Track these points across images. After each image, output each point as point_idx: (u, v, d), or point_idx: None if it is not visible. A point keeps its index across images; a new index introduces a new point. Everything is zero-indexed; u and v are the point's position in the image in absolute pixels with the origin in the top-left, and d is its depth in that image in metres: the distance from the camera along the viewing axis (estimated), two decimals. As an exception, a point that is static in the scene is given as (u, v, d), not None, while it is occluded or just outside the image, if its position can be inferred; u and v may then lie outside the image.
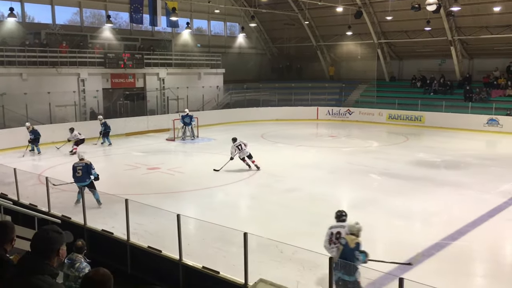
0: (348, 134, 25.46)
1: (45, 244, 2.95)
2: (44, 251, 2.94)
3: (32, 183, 13.23)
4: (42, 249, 2.94)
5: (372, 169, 16.36)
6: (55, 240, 2.98)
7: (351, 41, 32.64)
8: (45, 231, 3.05)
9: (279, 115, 30.21)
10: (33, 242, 3.00)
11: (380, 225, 10.61)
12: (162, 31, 30.11)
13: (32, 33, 24.46)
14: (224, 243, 8.98)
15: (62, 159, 17.99)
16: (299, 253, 7.38)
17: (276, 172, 15.98)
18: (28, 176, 13.17)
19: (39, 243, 2.96)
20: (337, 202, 12.92)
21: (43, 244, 2.96)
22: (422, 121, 27.64)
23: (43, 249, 2.94)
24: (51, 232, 3.03)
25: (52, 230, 3.05)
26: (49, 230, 3.05)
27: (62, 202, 11.13)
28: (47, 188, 10.12)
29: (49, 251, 2.94)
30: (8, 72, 21.88)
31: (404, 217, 11.27)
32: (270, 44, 37.46)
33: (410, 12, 25.25)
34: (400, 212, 11.58)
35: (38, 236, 3.02)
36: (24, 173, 12.45)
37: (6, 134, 19.82)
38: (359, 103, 31.12)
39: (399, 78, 32.80)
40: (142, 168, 16.69)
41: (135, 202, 8.77)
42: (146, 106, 27.03)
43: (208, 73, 30.91)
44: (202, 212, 11.44)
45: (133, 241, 8.33)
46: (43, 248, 2.94)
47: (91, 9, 27.82)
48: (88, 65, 24.84)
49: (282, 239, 7.41)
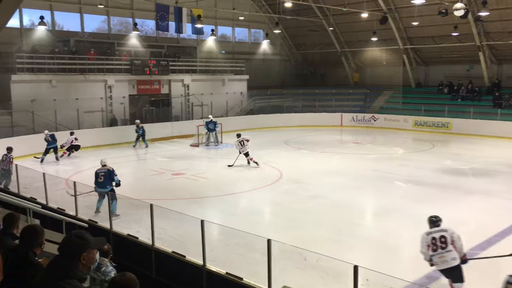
0: (373, 141, 25.19)
1: (69, 249, 2.99)
2: (67, 255, 2.98)
3: (60, 187, 13.51)
4: (65, 253, 2.99)
5: (397, 176, 16.14)
6: (77, 246, 2.99)
7: (376, 47, 32.37)
8: (69, 236, 3.09)
9: (303, 121, 30.13)
10: (60, 246, 3.06)
11: (405, 233, 10.43)
12: (187, 38, 30.50)
13: (62, 41, 25.11)
14: (247, 249, 8.98)
15: (90, 164, 18.33)
16: (323, 260, 7.33)
17: (299, 178, 15.92)
18: (57, 180, 13.46)
19: (64, 247, 3.01)
20: (361, 210, 12.81)
21: (66, 248, 3.00)
22: (449, 127, 27.14)
23: (66, 253, 2.99)
24: (74, 237, 3.06)
25: (75, 236, 3.08)
26: (73, 235, 3.08)
27: (89, 206, 11.34)
28: (75, 192, 10.33)
29: (71, 256, 2.98)
30: (38, 79, 22.49)
31: (430, 225, 11.05)
32: (294, 50, 37.47)
33: (437, 18, 24.86)
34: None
35: (64, 240, 3.08)
36: (53, 178, 12.74)
37: (36, 139, 20.31)
38: (384, 110, 30.79)
39: (425, 84, 32.30)
40: (167, 174, 16.87)
41: (160, 207, 8.86)
42: (171, 112, 27.35)
43: (232, 79, 31.11)
44: (225, 218, 11.48)
45: (158, 246, 8.40)
46: (66, 252, 2.99)
47: (119, 17, 28.38)
48: (115, 72, 25.32)
49: (306, 246, 7.37)
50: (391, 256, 9.36)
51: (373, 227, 11.27)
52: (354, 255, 8.95)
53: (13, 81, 21.63)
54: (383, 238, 10.23)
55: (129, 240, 8.84)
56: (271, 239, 6.53)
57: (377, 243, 9.97)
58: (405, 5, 27.78)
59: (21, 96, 21.59)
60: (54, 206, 10.75)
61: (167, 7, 25.37)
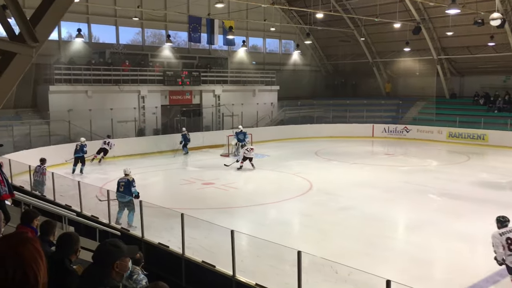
0: (405, 153, 24.74)
1: (103, 256, 3.04)
2: (101, 263, 3.03)
3: (94, 195, 13.80)
4: (100, 261, 3.04)
5: (431, 189, 15.77)
6: (111, 254, 3.04)
7: (408, 57, 31.92)
8: (104, 244, 3.15)
9: (333, 132, 29.89)
10: (94, 254, 3.11)
11: (440, 248, 10.18)
12: (219, 49, 30.88)
13: (98, 53, 25.84)
14: (277, 261, 8.92)
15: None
16: (355, 274, 7.20)
17: (330, 190, 15.77)
18: (91, 188, 13.76)
19: (98, 255, 3.06)
20: (394, 223, 12.57)
21: (100, 256, 3.05)
22: (485, 139, 26.38)
23: (100, 261, 3.04)
24: (108, 245, 3.11)
25: (110, 244, 3.13)
26: (107, 243, 3.14)
27: (121, 214, 11.52)
28: (108, 200, 10.53)
29: (106, 264, 3.02)
30: (74, 90, 23.18)
31: (465, 240, 10.74)
32: (325, 61, 37.35)
33: (472, 27, 24.38)
34: (461, 235, 11.05)
35: (98, 248, 3.13)
36: (87, 186, 13.03)
37: (72, 148, 20.85)
38: (417, 121, 30.22)
39: (460, 95, 31.58)
40: (197, 183, 17.00)
41: (190, 216, 8.93)
42: (202, 122, 27.64)
43: (262, 90, 31.23)
44: (255, 228, 11.46)
45: (188, 255, 8.46)
46: (100, 260, 3.04)
47: (152, 29, 29.02)
48: (148, 82, 25.83)
49: (337, 259, 7.26)
50: (424, 271, 9.12)
51: (406, 241, 11.03)
52: (387, 269, 8.76)
53: (51, 91, 22.36)
54: (417, 252, 9.99)
55: (160, 249, 8.94)
56: (301, 251, 6.48)
57: (410, 257, 9.74)
58: (439, 15, 27.34)
59: (59, 106, 22.30)
60: (88, 214, 10.99)
61: (200, 19, 25.79)
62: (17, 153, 17.88)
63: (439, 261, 9.62)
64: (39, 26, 2.96)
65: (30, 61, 3.04)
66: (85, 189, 12.12)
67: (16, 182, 13.73)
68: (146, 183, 17.42)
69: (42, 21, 2.97)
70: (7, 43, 2.99)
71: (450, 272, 9.13)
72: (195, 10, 27.03)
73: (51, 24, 3.02)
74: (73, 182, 12.30)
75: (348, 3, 30.49)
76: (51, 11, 2.95)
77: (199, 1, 26.31)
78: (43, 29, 2.98)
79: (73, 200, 12.09)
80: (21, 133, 20.41)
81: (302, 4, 28.50)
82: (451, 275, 8.97)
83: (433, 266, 9.50)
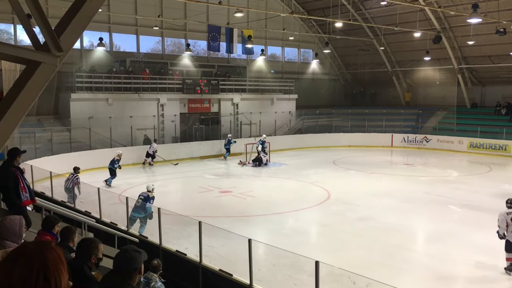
0: (425, 163, 24.42)
1: (128, 264, 3.06)
2: (127, 271, 3.05)
3: (113, 202, 13.95)
4: (125, 269, 3.06)
5: (452, 200, 15.51)
6: (137, 259, 3.09)
7: (429, 67, 31.61)
8: (126, 251, 3.17)
9: (352, 141, 29.70)
10: (116, 262, 3.13)
11: (461, 260, 9.99)
12: (238, 58, 31.06)
13: (119, 61, 26.23)
14: (295, 271, 8.87)
15: (141, 180, 18.86)
16: (373, 285, 7.11)
17: (348, 199, 15.64)
18: (110, 195, 13.91)
19: (122, 263, 3.09)
20: (413, 234, 12.39)
21: (126, 264, 3.07)
22: (508, 150, 25.87)
23: (126, 269, 3.06)
24: (132, 252, 3.14)
25: (132, 250, 3.16)
26: (130, 250, 3.16)
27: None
28: (127, 207, 10.62)
29: (132, 271, 3.05)
30: (95, 97, 23.55)
31: (486, 253, 10.51)
32: (344, 70, 37.23)
33: (494, 37, 24.08)
34: (483, 247, 10.82)
35: (120, 256, 3.15)
36: (106, 192, 13.18)
37: (92, 155, 21.15)
38: (437, 131, 29.82)
39: (481, 105, 31.10)
40: (215, 191, 17.04)
41: (207, 224, 8.94)
42: (220, 130, 27.76)
43: (281, 98, 31.25)
44: (272, 237, 11.42)
45: (205, 263, 8.46)
46: (126, 268, 3.06)
47: (172, 38, 29.35)
48: (168, 90, 26.10)
49: (355, 270, 7.19)
50: (444, 283, 8.96)
51: (426, 253, 10.85)
52: (406, 281, 8.65)
53: (72, 99, 22.76)
54: (436, 264, 9.82)
55: (177, 256, 8.96)
56: (319, 261, 6.42)
57: (429, 269, 9.58)
58: (460, 24, 27.06)
59: (80, 113, 22.67)
60: (107, 220, 11.09)
61: (219, 28, 26.00)
62: (39, 160, 18.19)
63: (458, 274, 9.43)
64: (63, 35, 3.03)
65: (54, 70, 3.11)
66: (105, 195, 12.26)
67: (37, 188, 13.95)
68: (165, 191, 17.54)
69: (67, 31, 3.03)
70: (32, 52, 3.06)
71: (470, 285, 8.94)
72: (215, 19, 27.28)
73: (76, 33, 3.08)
74: (93, 188, 12.44)
75: (367, 12, 30.40)
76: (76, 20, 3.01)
77: (218, 10, 26.52)
78: (68, 39, 3.04)
79: (92, 206, 12.23)
80: (43, 140, 20.78)
81: (321, 13, 28.52)
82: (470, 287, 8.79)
83: (452, 279, 9.32)
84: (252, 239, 7.58)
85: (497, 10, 23.47)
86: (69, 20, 3.01)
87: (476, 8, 18.61)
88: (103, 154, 21.18)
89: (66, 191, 13.87)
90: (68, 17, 3.04)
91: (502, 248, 10.96)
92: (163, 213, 9.57)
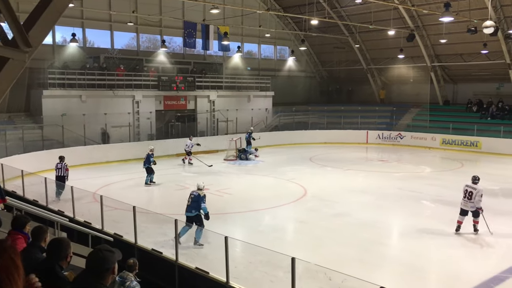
0: (399, 159, 24.80)
1: (100, 263, 3.00)
2: (100, 271, 2.99)
3: (87, 200, 13.72)
4: (98, 269, 3.00)
5: (425, 196, 15.81)
6: (109, 259, 3.03)
7: (402, 64, 32.11)
8: (99, 251, 3.11)
9: (328, 138, 29.95)
10: (88, 262, 3.06)
11: (434, 254, 10.18)
12: (214, 54, 30.93)
13: (92, 57, 25.77)
14: (271, 267, 8.89)
15: (117, 178, 18.62)
16: (349, 281, 7.17)
17: (324, 196, 15.76)
18: (84, 194, 13.67)
19: (94, 263, 3.02)
20: (388, 229, 12.58)
21: (98, 264, 3.01)
22: (479, 146, 26.52)
23: (98, 269, 3.00)
24: (104, 251, 3.08)
25: (105, 250, 3.11)
26: (103, 250, 3.11)
27: (115, 220, 11.44)
28: (101, 206, 10.45)
29: (105, 271, 2.99)
30: (68, 94, 23.09)
31: (459, 247, 10.77)
32: (320, 67, 37.49)
33: (466, 35, 24.60)
34: (455, 241, 11.09)
35: (93, 256, 3.08)
36: (80, 191, 12.94)
37: (65, 153, 20.67)
38: (411, 127, 30.35)
39: (453, 102, 31.78)
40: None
41: (184, 222, 8.88)
42: (196, 127, 27.60)
43: (257, 95, 31.27)
44: (249, 235, 11.42)
45: (182, 262, 8.41)
46: (99, 268, 3.00)
47: (147, 34, 29.01)
48: (143, 87, 25.80)
49: (331, 266, 7.24)
50: (418, 278, 9.12)
51: (400, 248, 11.03)
52: (381, 276, 8.76)
53: (44, 96, 22.25)
54: (411, 259, 9.99)
55: (153, 255, 8.88)
56: (295, 258, 6.45)
57: (404, 264, 9.74)
58: (432, 22, 27.57)
59: (52, 110, 22.18)
60: (81, 219, 10.91)
61: (195, 24, 25.83)
62: (10, 158, 17.76)
63: (433, 268, 9.61)
64: (32, 31, 2.94)
65: (23, 66, 3.02)
66: (78, 194, 12.05)
67: (8, 187, 13.62)
68: (140, 189, 17.37)
69: (36, 26, 2.94)
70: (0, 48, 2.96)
71: (443, 279, 9.13)
72: (190, 16, 27.08)
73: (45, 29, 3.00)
74: (66, 187, 12.21)
75: (343, 10, 30.66)
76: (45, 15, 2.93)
77: (194, 6, 26.32)
78: (37, 34, 2.95)
79: (66, 205, 12.01)
80: (14, 137, 20.27)
81: (297, 11, 28.62)
82: (444, 282, 8.97)
83: (427, 273, 9.49)
84: (229, 236, 7.56)
85: (468, 9, 24.01)
86: (38, 15, 2.93)
87: (448, 7, 18.97)
88: (76, 152, 20.84)
89: (58, 187, 13.80)
90: (37, 12, 2.95)
91: (475, 243, 11.27)
92: (138, 211, 9.46)
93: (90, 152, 21.65)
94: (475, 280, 8.60)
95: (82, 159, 20.99)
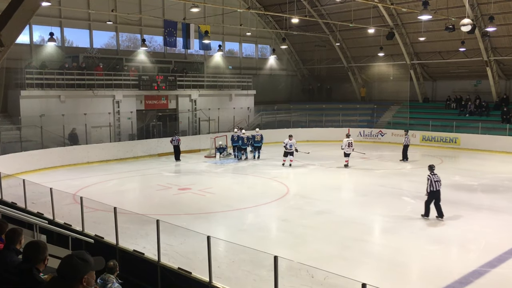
0: (380, 156, 25.06)
1: (69, 271, 2.88)
2: (67, 278, 2.88)
3: (67, 202, 13.52)
4: (66, 276, 2.90)
5: (406, 192, 16.01)
6: (79, 268, 2.89)
7: (383, 62, 32.43)
8: (72, 258, 2.94)
9: (310, 136, 30.06)
10: (58, 267, 2.96)
11: (415, 250, 10.32)
12: (195, 53, 30.76)
13: (71, 57, 25.36)
14: (254, 266, 8.89)
15: (97, 179, 18.39)
16: (331, 278, 7.23)
17: (306, 194, 15.84)
18: (64, 195, 13.47)
19: (63, 269, 2.90)
20: (369, 226, 12.69)
21: (67, 270, 2.90)
22: (458, 143, 26.97)
23: (66, 276, 2.90)
24: (75, 259, 2.92)
25: (77, 257, 2.94)
26: (74, 257, 2.94)
27: (96, 221, 11.30)
28: (82, 208, 10.31)
29: (72, 279, 2.87)
30: (47, 94, 22.70)
31: (439, 242, 10.92)
32: (301, 65, 37.63)
33: (444, 33, 24.97)
34: (435, 237, 11.24)
35: (64, 262, 2.95)
36: (60, 193, 12.74)
37: (44, 154, 20.44)
38: (391, 125, 30.69)
39: (432, 99, 32.24)
40: (174, 189, 16.84)
41: (166, 223, 8.81)
42: (178, 127, 27.45)
43: (239, 94, 31.24)
44: (232, 234, 11.40)
45: (164, 262, 8.34)
46: (67, 274, 2.89)
47: (127, 33, 28.69)
48: (123, 87, 25.52)
49: (313, 263, 7.29)
50: (400, 273, 9.23)
51: (382, 244, 11.14)
52: (363, 273, 8.85)
53: (22, 96, 21.83)
54: (392, 255, 10.10)
55: (135, 256, 8.79)
56: (278, 256, 6.46)
57: (386, 260, 9.84)
58: (411, 21, 27.91)
59: (30, 111, 21.78)
60: (61, 221, 10.74)
61: (175, 23, 25.65)
62: (-13, 160, 17.40)
63: (413, 264, 9.74)
64: (5, 29, 2.88)
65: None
66: (58, 196, 11.86)
67: (-15, 190, 13.31)
68: (122, 189, 17.21)
69: (8, 25, 2.88)
70: (-28, 47, 2.89)
71: (424, 274, 9.26)
72: (171, 14, 26.89)
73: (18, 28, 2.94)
74: (45, 189, 12.00)
75: (323, 8, 30.81)
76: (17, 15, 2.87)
77: (174, 5, 26.14)
78: (10, 33, 2.89)
79: (45, 207, 11.80)
80: (-9, 139, 19.88)
81: (278, 9, 28.66)
82: (425, 277, 9.09)
83: (407, 269, 9.61)
84: (211, 236, 7.53)
85: (446, 7, 24.37)
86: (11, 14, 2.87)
87: (426, 5, 19.14)
88: (55, 153, 20.53)
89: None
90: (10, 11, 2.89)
91: (453, 237, 11.46)
92: (119, 212, 9.35)
93: (70, 152, 21.35)
94: (455, 275, 8.73)
95: (62, 160, 20.72)
